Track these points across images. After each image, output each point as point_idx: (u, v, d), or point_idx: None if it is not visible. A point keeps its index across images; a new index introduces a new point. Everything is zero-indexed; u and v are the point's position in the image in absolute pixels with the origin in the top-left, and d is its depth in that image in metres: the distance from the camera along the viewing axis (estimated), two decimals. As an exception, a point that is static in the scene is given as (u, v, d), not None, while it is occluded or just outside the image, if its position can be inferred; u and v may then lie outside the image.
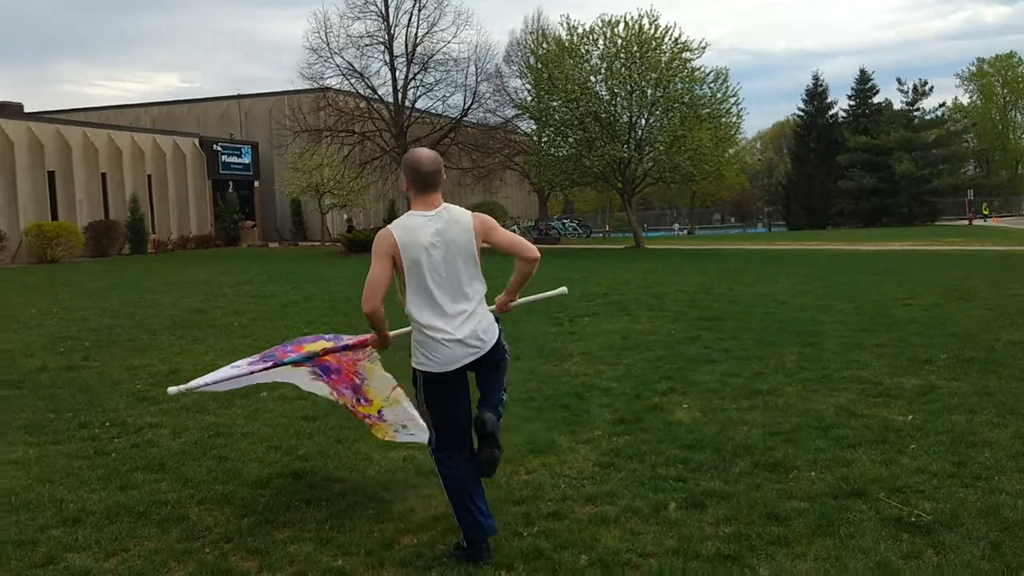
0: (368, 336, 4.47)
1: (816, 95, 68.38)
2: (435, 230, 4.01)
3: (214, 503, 4.85)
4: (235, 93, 45.42)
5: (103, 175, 33.71)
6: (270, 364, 4.58)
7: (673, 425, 6.23)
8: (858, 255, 25.05)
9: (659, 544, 4.14)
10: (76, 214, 31.79)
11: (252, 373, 4.61)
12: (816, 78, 69.08)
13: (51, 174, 31.41)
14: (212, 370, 5.29)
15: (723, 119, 31.51)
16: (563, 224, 44.54)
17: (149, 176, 36.13)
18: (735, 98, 31.77)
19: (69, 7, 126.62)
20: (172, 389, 4.68)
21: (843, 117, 68.08)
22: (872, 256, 24.27)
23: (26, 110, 38.52)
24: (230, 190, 40.29)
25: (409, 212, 4.10)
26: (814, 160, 66.22)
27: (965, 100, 77.21)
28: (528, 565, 3.94)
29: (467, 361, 4.08)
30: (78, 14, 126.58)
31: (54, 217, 30.93)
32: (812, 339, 9.66)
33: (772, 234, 57.22)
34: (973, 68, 77.59)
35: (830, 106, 68.62)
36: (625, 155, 30.31)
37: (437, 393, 4.10)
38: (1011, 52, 76.35)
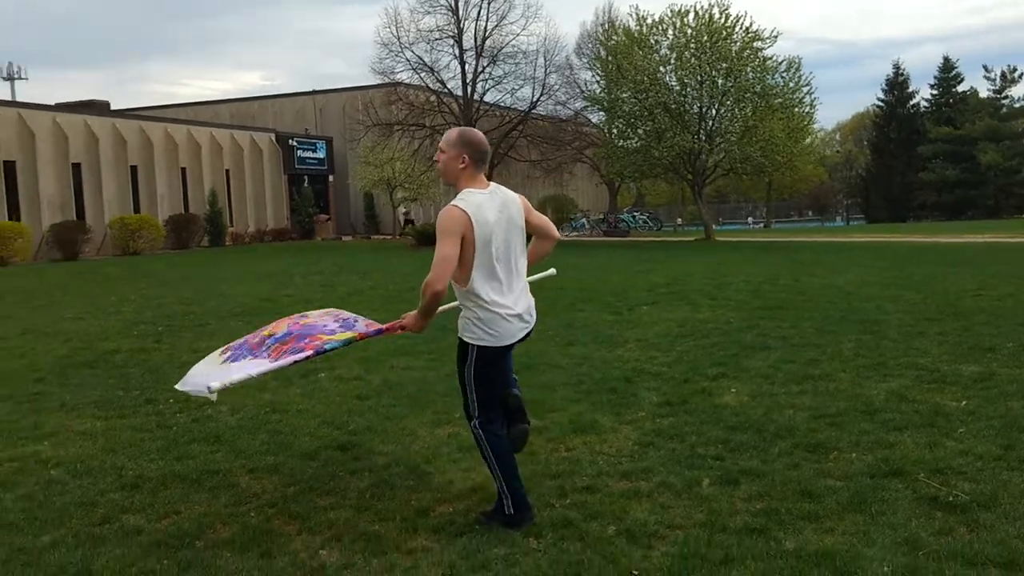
0: (404, 321, 4.28)
1: (896, 84, 66.56)
2: (498, 207, 4.10)
3: (263, 472, 5.06)
4: (311, 89, 46.28)
5: (183, 170, 34.77)
6: (289, 360, 4.27)
7: (719, 408, 6.24)
8: (938, 247, 24.37)
9: (688, 517, 4.18)
10: (157, 208, 32.86)
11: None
12: (897, 67, 67.31)
13: (134, 169, 32.52)
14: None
15: (795, 109, 30.93)
16: (633, 217, 44.30)
17: (227, 171, 37.13)
18: (808, 87, 31.19)
19: (159, 10, 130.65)
20: (213, 384, 4.08)
21: (925, 107, 66.17)
22: (952, 248, 23.58)
23: (112, 108, 40.05)
24: (305, 184, 41.14)
25: (467, 190, 4.10)
26: (894, 151, 64.52)
27: (1057, 88, 74.29)
28: (556, 533, 4.03)
29: (521, 336, 4.19)
30: (167, 18, 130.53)
31: (136, 211, 32.03)
32: (873, 328, 9.51)
33: (850, 227, 56.00)
34: (1066, 54, 74.46)
35: (911, 95, 66.73)
36: (695, 146, 30.02)
37: (491, 367, 4.18)
38: (1106, 37, 73.07)
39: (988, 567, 3.52)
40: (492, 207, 4.07)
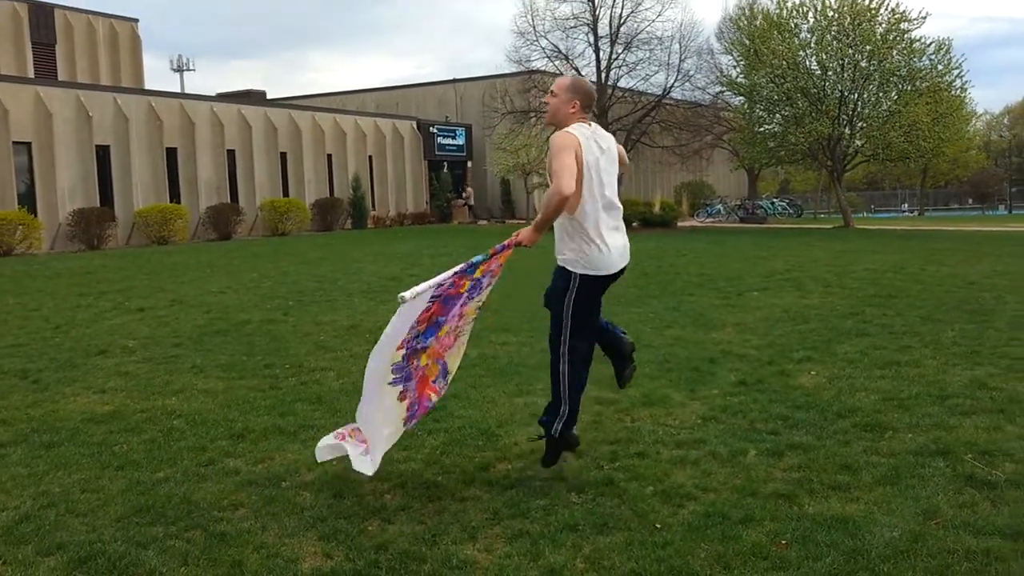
0: (519, 237, 4.49)
1: (1069, 64, 62.24)
2: (602, 144, 4.49)
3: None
4: (453, 78, 47.46)
5: (329, 156, 36.44)
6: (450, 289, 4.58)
7: (792, 389, 6.41)
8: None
9: (725, 483, 4.46)
10: (304, 192, 34.61)
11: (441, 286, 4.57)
12: (1070, 45, 62.79)
13: (283, 155, 34.34)
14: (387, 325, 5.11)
15: (944, 93, 29.59)
16: (772, 204, 43.39)
17: (370, 157, 38.64)
18: (959, 70, 29.77)
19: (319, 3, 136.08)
20: (405, 294, 4.42)
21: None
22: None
23: (268, 97, 42.33)
24: (444, 170, 42.31)
25: (573, 125, 4.42)
26: (1065, 136, 60.42)
27: None
28: (597, 490, 4.39)
29: (618, 268, 4.53)
30: (327, 9, 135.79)
31: (285, 194, 33.85)
32: (983, 318, 9.32)
33: (1011, 216, 52.86)
34: None
35: (1086, 76, 62.29)
36: (834, 131, 29.22)
37: (590, 295, 4.54)
38: None
39: (994, 537, 3.66)
40: (597, 141, 4.45)
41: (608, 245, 4.45)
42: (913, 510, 4.00)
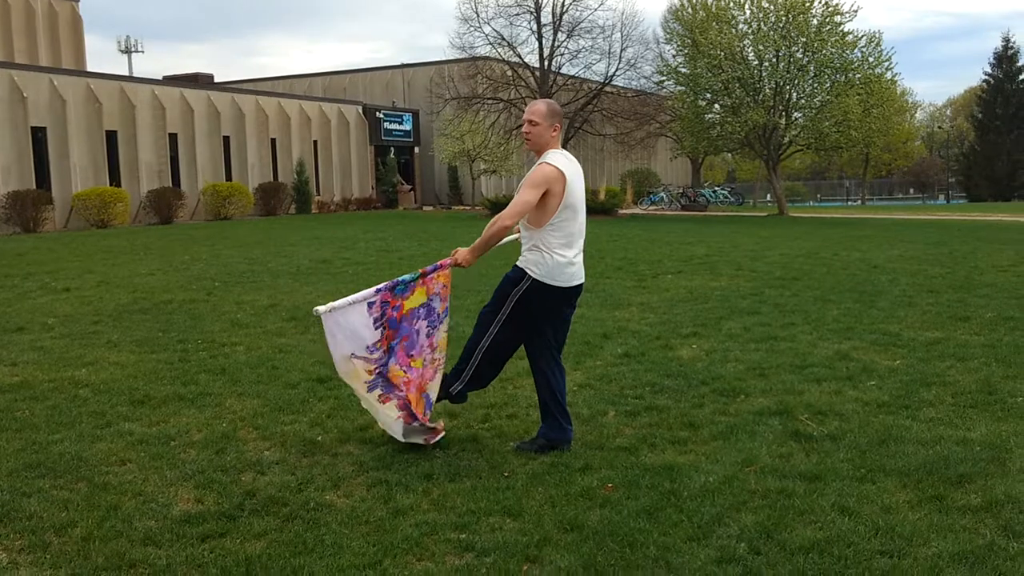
0: (456, 257, 4.77)
1: (1005, 58, 63.96)
2: (577, 170, 4.82)
3: (248, 396, 5.96)
4: (400, 63, 47.54)
5: (273, 140, 36.40)
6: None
7: (669, 360, 6.87)
8: (1018, 225, 24.00)
9: (578, 439, 4.87)
10: (248, 176, 34.57)
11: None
12: (1006, 39, 64.72)
13: (226, 139, 34.26)
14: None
15: (875, 84, 30.49)
16: (714, 192, 44.21)
17: (315, 141, 38.67)
18: (888, 62, 30.68)
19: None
20: (319, 309, 4.64)
21: (1036, 81, 63.48)
22: (1025, 227, 23.19)
23: (216, 80, 42.08)
24: (390, 155, 42.46)
25: (553, 152, 4.76)
26: (1000, 128, 62.20)
27: None
28: (461, 446, 4.80)
29: (577, 282, 4.81)
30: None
31: (228, 179, 33.78)
32: (871, 298, 9.90)
33: (946, 206, 54.44)
34: None
35: (1021, 70, 64.04)
36: (768, 121, 29.96)
37: (556, 305, 4.80)
38: None
39: (795, 480, 4.14)
40: (575, 169, 4.80)
41: (574, 258, 4.76)
42: (735, 459, 4.46)
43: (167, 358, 7.27)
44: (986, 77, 65.15)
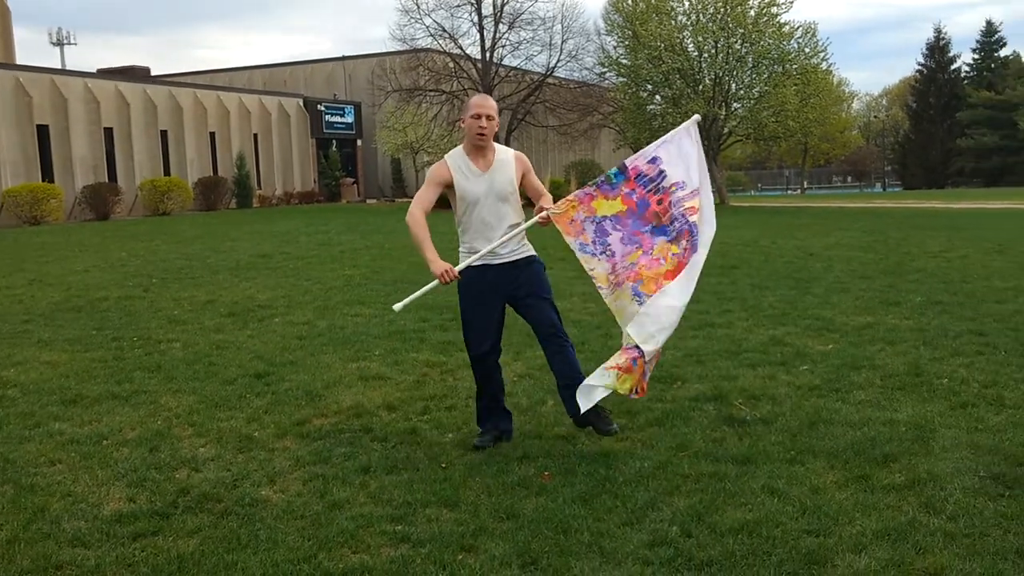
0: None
1: (937, 49, 65.56)
2: None
3: (183, 393, 5.88)
4: (342, 55, 47.09)
5: (212, 134, 35.82)
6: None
7: (611, 350, 6.87)
8: (950, 212, 24.67)
9: (518, 429, 4.90)
10: (187, 171, 33.97)
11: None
12: (938, 31, 66.47)
13: (164, 133, 33.62)
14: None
15: (810, 75, 31.02)
16: (657, 182, 44.54)
17: (255, 135, 38.13)
18: (824, 53, 31.24)
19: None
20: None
21: (966, 72, 65.22)
22: (963, 214, 23.80)
23: (154, 73, 41.21)
24: (333, 148, 42.06)
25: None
26: (934, 117, 63.83)
27: (1104, 52, 72.42)
28: (399, 439, 4.80)
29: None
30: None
31: (166, 173, 33.16)
32: (805, 285, 10.10)
33: (882, 194, 55.72)
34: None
35: (952, 60, 65.74)
36: (708, 112, 30.30)
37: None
38: None
39: (727, 463, 4.22)
40: None
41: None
42: (669, 445, 4.53)
43: (101, 356, 7.13)
44: (919, 67, 66.78)
